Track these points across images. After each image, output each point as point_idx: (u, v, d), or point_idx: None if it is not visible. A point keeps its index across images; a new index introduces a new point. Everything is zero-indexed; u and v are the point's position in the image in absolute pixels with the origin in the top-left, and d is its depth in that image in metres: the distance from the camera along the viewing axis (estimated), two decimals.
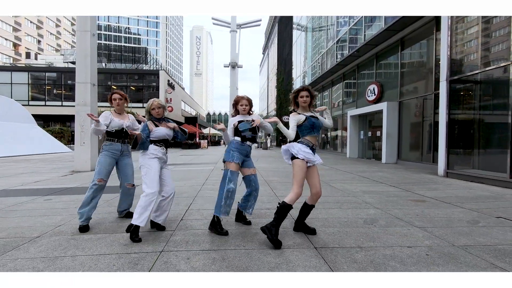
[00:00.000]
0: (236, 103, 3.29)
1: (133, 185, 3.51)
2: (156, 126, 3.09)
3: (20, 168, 9.50)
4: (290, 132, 2.84)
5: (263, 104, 63.86)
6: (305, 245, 2.65)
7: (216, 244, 2.66)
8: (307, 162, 2.80)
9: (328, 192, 5.29)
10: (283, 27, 36.51)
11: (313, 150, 2.88)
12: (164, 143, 3.13)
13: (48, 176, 7.69)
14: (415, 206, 4.30)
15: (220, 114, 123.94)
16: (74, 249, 2.55)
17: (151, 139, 3.04)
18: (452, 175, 7.38)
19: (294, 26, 28.80)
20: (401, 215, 3.76)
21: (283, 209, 2.73)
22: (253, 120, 3.12)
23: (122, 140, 3.42)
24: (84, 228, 3.09)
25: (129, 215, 3.52)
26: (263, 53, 64.77)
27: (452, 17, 7.51)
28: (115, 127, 3.35)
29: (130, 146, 3.31)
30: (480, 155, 7.25)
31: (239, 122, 3.20)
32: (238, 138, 3.18)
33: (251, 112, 3.33)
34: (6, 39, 54.46)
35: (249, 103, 3.28)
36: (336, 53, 16.29)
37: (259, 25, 33.76)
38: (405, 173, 8.26)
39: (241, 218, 3.40)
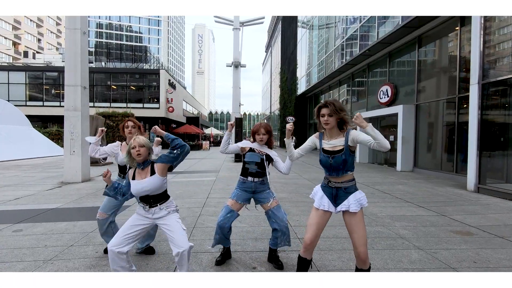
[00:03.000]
0: (253, 132, 2.85)
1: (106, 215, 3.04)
2: (133, 178, 2.27)
3: (7, 178, 8.76)
4: (291, 150, 2.45)
5: (265, 104, 62.99)
6: None
7: None
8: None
9: None
10: (286, 25, 35.56)
11: (335, 191, 2.15)
12: (145, 200, 2.24)
13: (33, 189, 6.94)
14: (463, 242, 3.48)
15: (222, 113, 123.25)
16: None
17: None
18: (484, 191, 6.54)
19: (298, 24, 27.88)
20: (454, 261, 2.94)
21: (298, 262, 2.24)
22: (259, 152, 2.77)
23: (124, 176, 3.08)
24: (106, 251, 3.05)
25: (149, 251, 3.13)
26: (266, 52, 63.82)
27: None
28: (120, 163, 3.07)
29: None
30: None
31: (249, 150, 2.77)
32: (240, 177, 2.85)
33: (272, 142, 2.88)
34: (5, 38, 53.86)
35: (267, 132, 2.81)
36: (345, 52, 15.42)
37: (262, 22, 32.83)
38: (428, 186, 7.43)
39: (272, 258, 2.85)
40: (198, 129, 35.92)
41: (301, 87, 25.84)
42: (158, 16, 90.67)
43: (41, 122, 26.22)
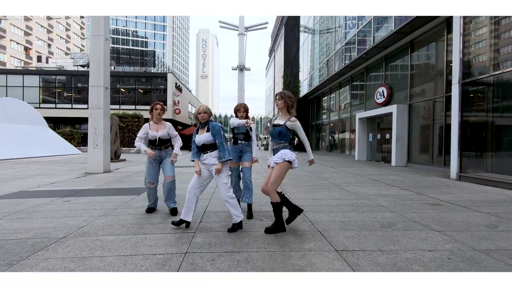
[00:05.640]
0: (236, 111, 3.96)
1: (172, 177, 3.92)
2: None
3: (33, 170, 9.69)
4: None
5: (269, 107, 63.90)
6: (326, 248, 2.68)
7: (238, 246, 2.70)
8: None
9: (341, 195, 5.31)
10: (289, 29, 36.57)
11: (274, 152, 3.28)
12: (202, 149, 3.28)
13: (62, 178, 7.84)
14: (431, 209, 4.29)
15: (226, 116, 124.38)
16: (101, 250, 2.62)
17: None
18: (465, 179, 7.32)
19: (301, 28, 28.85)
20: (418, 218, 3.76)
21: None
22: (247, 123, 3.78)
23: (159, 148, 3.96)
24: (150, 210, 4.00)
25: (173, 212, 3.92)
26: (269, 56, 64.92)
27: (464, 18, 7.48)
28: (152, 138, 3.94)
29: (172, 150, 4.06)
30: (493, 158, 7.18)
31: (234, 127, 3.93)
32: (232, 145, 3.97)
33: (248, 117, 3.97)
34: (17, 43, 55.59)
35: (246, 111, 3.96)
36: (344, 56, 16.29)
37: (265, 27, 33.84)
38: (416, 176, 8.21)
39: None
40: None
41: (303, 90, 26.72)
42: (164, 21, 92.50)
43: (53, 124, 27.32)
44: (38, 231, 3.19)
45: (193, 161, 3.31)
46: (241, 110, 3.96)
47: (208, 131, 3.22)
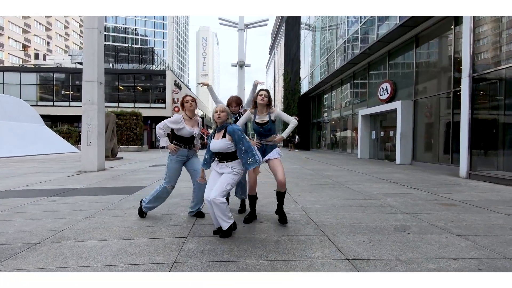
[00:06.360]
0: (228, 104, 3.67)
1: (205, 179, 3.47)
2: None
3: (27, 168, 9.36)
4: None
5: None
6: (335, 256, 2.33)
7: (235, 254, 2.36)
8: None
9: (347, 195, 4.96)
10: (290, 27, 36.12)
11: (264, 147, 3.42)
12: (217, 155, 2.90)
13: (54, 176, 7.50)
14: (446, 210, 3.94)
15: None
16: (77, 258, 2.28)
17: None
18: (475, 177, 6.97)
19: (301, 25, 28.42)
20: (434, 220, 3.41)
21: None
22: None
23: (189, 146, 3.44)
24: (144, 214, 3.46)
25: (200, 215, 3.54)
26: (269, 54, 64.47)
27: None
28: (186, 134, 3.36)
29: (197, 150, 3.61)
30: (505, 156, 6.83)
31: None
32: None
33: (241, 112, 3.77)
34: (16, 41, 55.16)
35: (238, 104, 3.70)
36: (346, 52, 15.90)
37: (266, 25, 33.36)
38: (423, 175, 7.86)
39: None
40: (203, 129, 36.52)
41: (304, 87, 26.32)
42: (163, 19, 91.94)
43: (51, 122, 26.95)
44: (12, 235, 2.85)
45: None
46: (233, 104, 3.63)
47: (224, 136, 2.75)
